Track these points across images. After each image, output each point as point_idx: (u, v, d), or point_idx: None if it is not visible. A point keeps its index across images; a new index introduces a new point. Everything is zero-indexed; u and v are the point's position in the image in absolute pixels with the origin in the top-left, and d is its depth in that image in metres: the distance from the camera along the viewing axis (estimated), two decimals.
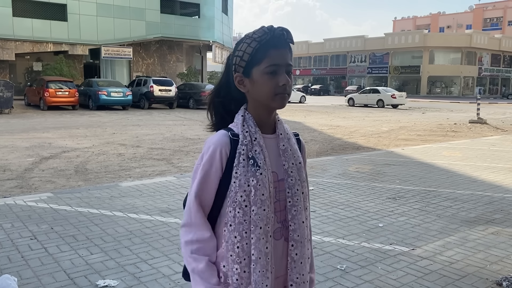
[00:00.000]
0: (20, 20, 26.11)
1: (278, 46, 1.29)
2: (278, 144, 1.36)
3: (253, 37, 1.29)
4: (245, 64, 1.31)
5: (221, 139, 1.32)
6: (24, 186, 6.35)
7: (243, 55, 1.30)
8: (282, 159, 1.35)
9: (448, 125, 16.95)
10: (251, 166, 1.28)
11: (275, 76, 1.29)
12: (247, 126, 1.32)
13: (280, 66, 1.29)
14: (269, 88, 1.30)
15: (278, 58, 1.29)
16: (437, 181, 6.85)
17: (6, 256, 3.69)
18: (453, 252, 3.95)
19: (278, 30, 1.30)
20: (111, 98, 22.01)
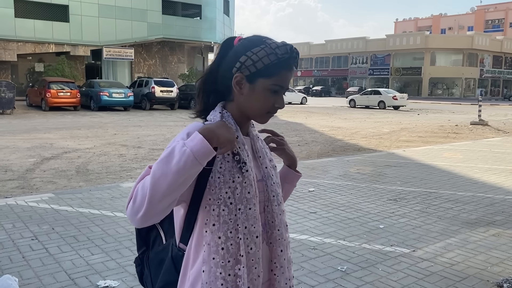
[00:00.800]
0: (22, 21, 26.18)
1: (290, 69, 1.27)
2: (253, 146, 1.33)
3: (276, 51, 1.23)
4: (254, 71, 1.23)
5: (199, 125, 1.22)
6: (25, 187, 6.36)
7: (257, 61, 1.22)
8: (259, 160, 1.33)
9: (450, 127, 16.94)
10: (236, 162, 1.22)
11: (275, 96, 1.26)
12: (228, 122, 1.24)
13: (283, 88, 1.27)
14: (265, 104, 1.26)
15: (285, 81, 1.27)
16: (438, 182, 6.84)
17: (7, 256, 3.70)
18: (454, 254, 3.95)
19: (295, 53, 1.27)
20: (112, 99, 22.04)
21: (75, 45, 28.18)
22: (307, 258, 3.77)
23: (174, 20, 32.22)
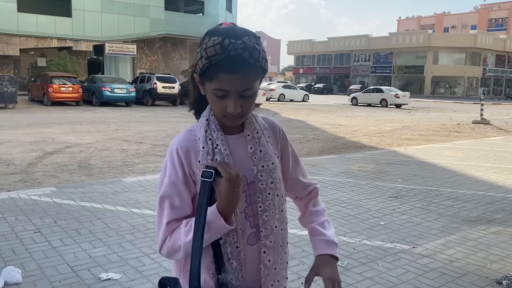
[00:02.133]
0: (25, 16, 26.20)
1: (231, 70, 1.11)
2: (247, 146, 1.26)
3: (204, 53, 1.12)
4: (199, 73, 1.17)
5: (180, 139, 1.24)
6: (27, 180, 6.40)
7: (197, 63, 1.16)
8: (251, 162, 1.25)
9: (451, 126, 16.93)
10: None
11: (224, 100, 1.15)
12: (210, 131, 1.22)
13: (229, 92, 1.14)
14: (216, 109, 1.19)
15: (228, 85, 1.13)
16: (439, 180, 6.86)
17: (10, 248, 3.73)
18: (454, 251, 3.97)
19: (237, 49, 1.09)
20: (114, 95, 22.07)
21: (77, 40, 28.21)
22: (308, 254, 3.79)
23: (177, 16, 32.22)
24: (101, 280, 3.20)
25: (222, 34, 1.11)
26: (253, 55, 1.11)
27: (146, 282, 3.19)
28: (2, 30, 25.39)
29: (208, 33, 1.15)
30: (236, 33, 1.13)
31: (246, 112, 1.20)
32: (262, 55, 1.15)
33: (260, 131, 1.29)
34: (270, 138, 1.32)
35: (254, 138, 1.27)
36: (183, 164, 1.22)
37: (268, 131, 1.32)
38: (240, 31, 1.15)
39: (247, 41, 1.11)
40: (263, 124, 1.33)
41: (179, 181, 1.21)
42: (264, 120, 1.36)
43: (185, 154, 1.22)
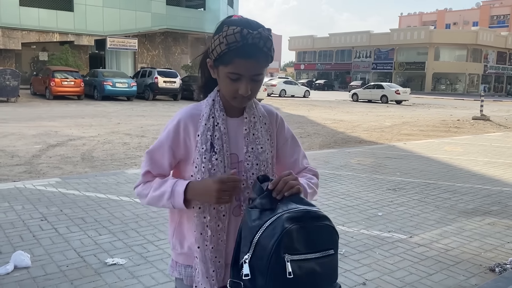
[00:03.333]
0: (27, 10, 26.24)
1: (247, 56, 1.25)
2: (247, 126, 1.39)
3: (225, 40, 1.25)
4: (214, 58, 1.30)
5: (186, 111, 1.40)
6: (32, 172, 6.50)
7: (214, 49, 1.29)
8: (244, 143, 1.38)
9: (451, 121, 17.02)
10: (209, 151, 1.33)
11: (237, 83, 1.29)
12: (214, 110, 1.37)
13: (243, 76, 1.28)
14: (229, 90, 1.32)
15: (243, 69, 1.27)
16: (437, 174, 6.96)
17: (18, 235, 3.84)
18: (450, 240, 4.08)
19: (254, 38, 1.24)
20: (116, 89, 22.15)
21: (79, 34, 28.25)
22: None
23: (178, 11, 32.24)
24: (107, 265, 3.31)
25: (240, 24, 1.26)
26: (267, 44, 1.27)
27: (150, 267, 3.30)
28: (4, 24, 25.44)
29: (225, 22, 1.29)
30: (252, 24, 1.28)
31: (254, 94, 1.34)
32: (273, 46, 1.30)
33: (257, 117, 1.42)
34: (266, 125, 1.43)
35: (251, 121, 1.40)
36: (180, 133, 1.38)
37: (265, 118, 1.44)
38: (254, 23, 1.30)
39: (262, 32, 1.26)
40: (261, 111, 1.45)
41: (167, 144, 1.38)
42: (264, 107, 1.48)
43: (184, 126, 1.38)
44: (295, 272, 1.09)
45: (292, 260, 1.10)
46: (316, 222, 1.16)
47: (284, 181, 1.23)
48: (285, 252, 1.09)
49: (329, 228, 1.17)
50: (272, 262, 1.10)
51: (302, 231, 1.13)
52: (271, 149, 1.44)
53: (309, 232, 1.14)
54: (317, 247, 1.15)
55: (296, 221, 1.12)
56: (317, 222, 1.16)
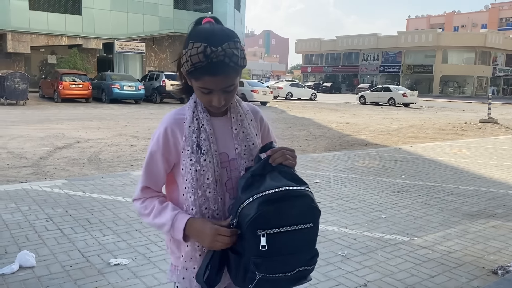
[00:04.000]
0: (36, 14, 26.51)
1: (214, 74, 1.27)
2: (231, 126, 1.42)
3: (190, 60, 1.26)
4: (185, 72, 1.32)
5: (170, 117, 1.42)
6: (39, 173, 6.58)
7: (183, 64, 1.30)
8: (234, 142, 1.42)
9: (458, 124, 16.92)
10: (196, 153, 1.36)
11: (209, 95, 1.32)
12: (197, 112, 1.39)
13: (213, 90, 1.31)
14: (203, 101, 1.37)
15: (212, 85, 1.29)
16: (442, 177, 6.94)
17: (24, 235, 3.89)
18: (453, 243, 4.07)
19: (218, 56, 1.24)
20: (123, 92, 22.31)
21: (87, 38, 28.48)
22: None
23: (185, 15, 32.38)
24: (111, 265, 3.35)
25: (202, 40, 1.26)
26: (233, 59, 1.27)
27: (153, 267, 3.33)
28: (13, 27, 25.74)
29: (191, 36, 1.29)
30: (217, 37, 1.27)
31: (229, 102, 1.38)
32: (241, 56, 1.29)
33: (243, 114, 1.46)
34: (252, 121, 1.48)
35: (238, 120, 1.44)
36: (169, 140, 1.40)
37: (250, 114, 1.49)
38: (220, 34, 1.29)
39: (227, 48, 1.25)
40: (245, 108, 1.49)
41: (159, 153, 1.41)
42: (248, 105, 1.53)
43: (172, 132, 1.40)
44: (271, 244, 1.21)
45: (268, 234, 1.22)
46: (295, 200, 1.25)
47: (282, 152, 1.33)
48: (258, 228, 1.21)
49: (309, 205, 1.28)
50: (248, 235, 1.23)
51: (279, 210, 1.23)
52: (260, 144, 1.48)
53: (287, 209, 1.24)
54: (294, 221, 1.25)
55: (273, 202, 1.22)
56: (296, 200, 1.25)
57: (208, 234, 1.30)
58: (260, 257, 1.23)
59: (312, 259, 1.31)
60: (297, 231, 1.25)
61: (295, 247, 1.26)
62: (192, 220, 1.35)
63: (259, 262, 1.23)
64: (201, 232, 1.32)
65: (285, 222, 1.24)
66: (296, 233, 1.25)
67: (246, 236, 1.24)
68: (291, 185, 1.26)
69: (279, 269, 1.25)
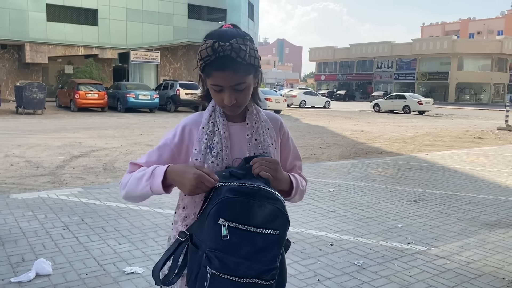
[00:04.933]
0: (54, 25, 27.06)
1: (222, 68, 1.30)
2: (248, 132, 1.43)
3: (199, 55, 1.31)
4: (199, 71, 1.36)
5: (191, 118, 1.46)
6: (56, 182, 6.66)
7: (196, 62, 1.35)
8: (247, 148, 1.42)
9: (475, 132, 16.69)
10: (204, 154, 1.37)
11: (221, 93, 1.35)
12: (214, 115, 1.42)
13: (223, 87, 1.33)
14: (216, 101, 1.39)
15: (222, 80, 1.32)
16: (459, 185, 6.83)
17: (41, 243, 3.93)
18: (471, 253, 3.99)
19: (225, 51, 1.28)
20: (138, 101, 22.54)
21: (103, 48, 28.93)
22: (325, 253, 3.88)
23: (200, 24, 32.72)
24: (126, 273, 3.36)
25: (214, 38, 1.31)
26: (240, 54, 1.29)
27: None
28: (32, 38, 26.29)
29: (206, 36, 1.35)
30: (227, 35, 1.31)
31: (242, 102, 1.38)
32: (250, 54, 1.31)
33: (259, 122, 1.46)
34: (269, 130, 1.47)
35: (253, 127, 1.44)
36: (184, 140, 1.42)
37: (267, 123, 1.48)
38: (231, 33, 1.32)
39: (234, 43, 1.28)
40: (264, 117, 1.49)
41: (169, 146, 1.42)
42: (268, 115, 1.53)
43: (189, 132, 1.43)
44: (233, 238, 1.18)
45: (230, 226, 1.18)
46: (266, 202, 1.21)
47: (260, 162, 1.30)
48: (221, 217, 1.18)
49: (279, 211, 1.22)
50: (210, 221, 1.19)
51: (246, 205, 1.20)
52: (275, 153, 1.47)
53: (255, 208, 1.20)
54: (259, 223, 1.20)
55: (242, 194, 1.20)
56: (267, 202, 1.21)
57: (191, 174, 1.24)
58: (215, 251, 1.18)
59: (267, 273, 1.20)
60: (260, 235, 1.19)
61: (253, 252, 1.19)
62: (173, 166, 1.32)
63: (212, 257, 1.18)
64: (184, 172, 1.27)
65: (249, 221, 1.19)
66: (258, 236, 1.19)
67: (207, 222, 1.20)
68: (266, 187, 1.24)
69: (231, 270, 1.18)
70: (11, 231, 4.21)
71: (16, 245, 3.86)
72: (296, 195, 1.46)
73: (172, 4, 31.55)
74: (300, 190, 1.48)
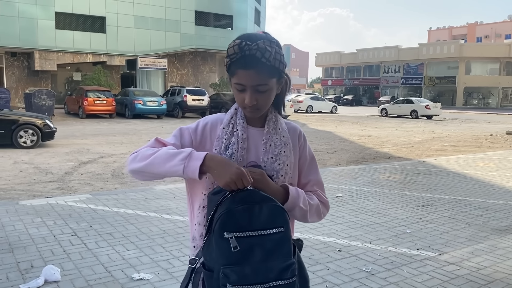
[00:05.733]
0: (62, 32, 27.30)
1: (246, 67, 1.31)
2: (266, 138, 1.43)
3: (227, 53, 1.34)
4: (226, 70, 1.39)
5: (215, 116, 1.48)
6: (64, 188, 6.70)
7: (225, 61, 1.37)
8: (261, 153, 1.42)
9: (484, 136, 16.56)
10: (223, 154, 1.38)
11: (243, 93, 1.36)
12: (235, 117, 1.44)
13: (245, 86, 1.34)
14: (238, 100, 1.40)
15: (244, 79, 1.33)
16: (468, 190, 6.77)
17: (49, 249, 3.95)
18: (482, 259, 3.94)
19: (251, 50, 1.30)
20: (146, 107, 22.65)
21: (111, 55, 29.13)
22: (333, 259, 3.86)
23: (207, 31, 32.85)
24: (134, 280, 3.36)
25: (243, 38, 1.33)
26: (265, 55, 1.30)
27: (175, 283, 3.33)
28: (41, 46, 26.54)
29: (236, 37, 1.37)
30: (256, 37, 1.33)
31: (263, 105, 1.38)
32: (275, 57, 1.33)
33: (275, 129, 1.46)
34: (284, 138, 1.46)
35: (270, 133, 1.44)
36: (207, 132, 1.45)
37: (284, 132, 1.48)
38: (260, 36, 1.35)
39: (261, 43, 1.31)
40: (282, 125, 1.49)
41: (189, 133, 1.45)
42: (288, 124, 1.53)
43: (211, 128, 1.46)
44: (243, 247, 1.18)
45: (237, 236, 1.18)
46: (263, 203, 1.23)
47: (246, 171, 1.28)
48: (226, 230, 1.19)
49: (277, 208, 1.24)
50: (217, 237, 1.20)
51: (246, 211, 1.21)
52: (287, 162, 1.44)
53: (254, 211, 1.21)
54: (264, 225, 1.21)
55: (238, 202, 1.21)
56: (264, 203, 1.23)
57: (234, 168, 1.24)
58: (230, 266, 1.18)
59: (287, 270, 1.21)
60: (267, 236, 1.21)
61: (266, 254, 1.20)
62: (212, 154, 1.31)
63: (229, 272, 1.17)
64: (226, 164, 1.26)
65: (253, 226, 1.20)
66: (266, 238, 1.21)
67: (214, 240, 1.21)
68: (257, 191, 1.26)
69: (251, 278, 1.17)
70: (20, 238, 4.23)
71: (25, 252, 3.88)
72: (294, 211, 1.39)
73: (179, 11, 31.73)
74: (300, 208, 1.40)
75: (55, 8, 26.87)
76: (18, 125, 10.75)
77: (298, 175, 1.52)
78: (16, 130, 10.70)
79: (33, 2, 26.13)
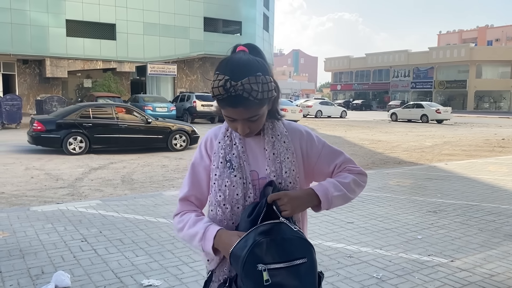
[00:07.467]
0: (73, 40, 27.63)
1: (235, 106, 1.30)
2: (264, 147, 1.44)
3: (212, 92, 1.30)
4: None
5: (212, 131, 1.52)
6: (75, 194, 6.74)
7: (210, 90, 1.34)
8: (266, 162, 1.42)
9: (496, 141, 16.38)
10: (227, 168, 1.40)
11: (235, 123, 1.37)
12: (230, 130, 1.45)
13: (236, 119, 1.35)
14: (230, 127, 1.42)
15: (234, 115, 1.33)
16: (480, 195, 6.69)
17: (60, 255, 3.97)
18: (494, 265, 3.88)
19: (237, 91, 1.27)
20: (156, 113, 22.66)
21: (121, 61, 29.40)
22: (343, 265, 3.83)
23: (215, 37, 33.03)
24: (143, 286, 3.36)
25: (227, 73, 1.29)
26: (252, 94, 1.27)
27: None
28: (52, 54, 26.88)
29: (219, 67, 1.34)
30: (239, 71, 1.28)
31: (256, 129, 1.40)
32: (263, 90, 1.29)
33: (275, 136, 1.45)
34: (285, 143, 1.45)
35: (270, 141, 1.44)
36: (207, 150, 1.49)
37: (284, 136, 1.46)
38: (244, 69, 1.29)
39: (246, 83, 1.26)
40: (280, 130, 1.47)
41: (199, 164, 1.49)
42: (288, 125, 1.50)
43: (210, 143, 1.50)
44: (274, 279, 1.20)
45: (269, 269, 1.20)
46: (285, 235, 1.25)
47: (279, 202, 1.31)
48: (258, 262, 1.20)
49: (299, 240, 1.26)
50: (246, 270, 1.21)
51: (272, 243, 1.22)
52: (292, 167, 1.44)
53: (278, 243, 1.23)
54: (288, 256, 1.23)
55: (266, 234, 1.23)
56: (286, 235, 1.25)
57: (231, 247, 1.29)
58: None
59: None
60: (293, 268, 1.23)
61: (295, 285, 1.22)
62: (221, 231, 1.35)
63: None
64: (226, 244, 1.31)
65: (278, 258, 1.22)
66: (293, 269, 1.22)
67: (244, 271, 1.22)
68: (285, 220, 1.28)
69: None
70: (31, 244, 4.26)
71: (36, 257, 3.90)
72: (333, 203, 1.41)
73: (188, 17, 31.95)
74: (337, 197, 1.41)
75: (66, 16, 27.22)
76: (172, 131, 12.19)
77: (320, 168, 1.50)
78: (171, 135, 12.12)
79: (44, 10, 26.51)
